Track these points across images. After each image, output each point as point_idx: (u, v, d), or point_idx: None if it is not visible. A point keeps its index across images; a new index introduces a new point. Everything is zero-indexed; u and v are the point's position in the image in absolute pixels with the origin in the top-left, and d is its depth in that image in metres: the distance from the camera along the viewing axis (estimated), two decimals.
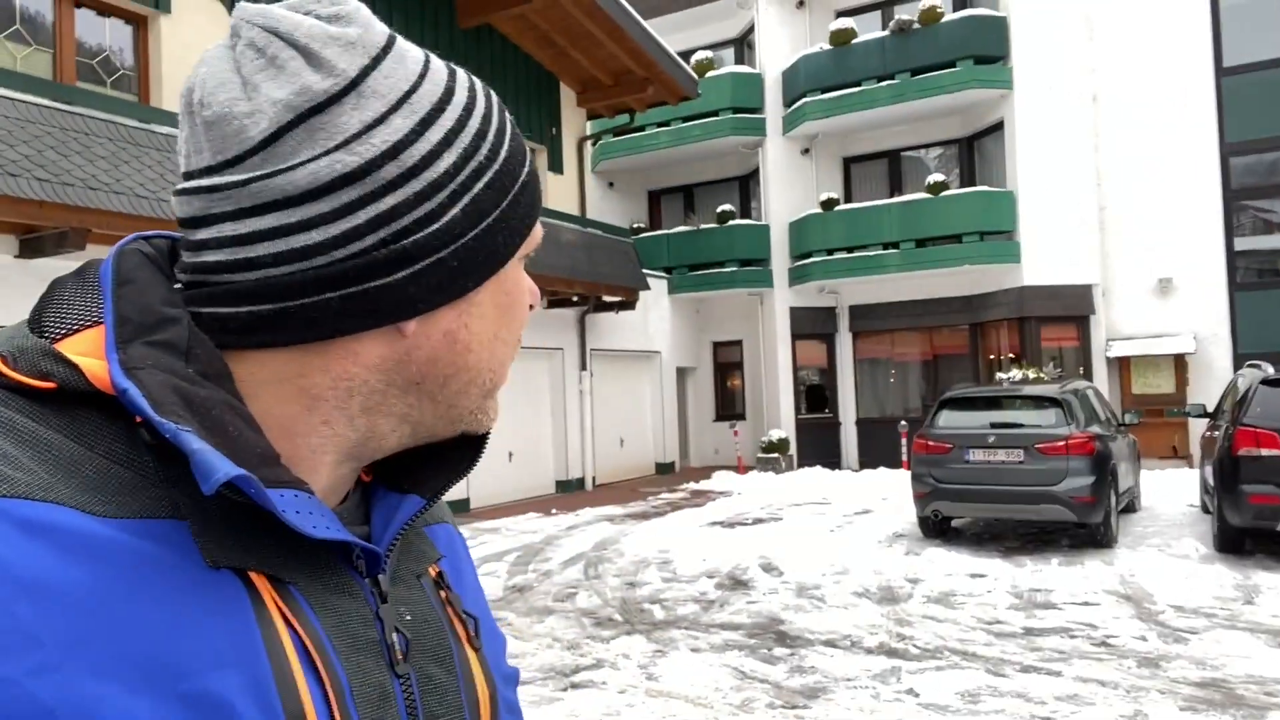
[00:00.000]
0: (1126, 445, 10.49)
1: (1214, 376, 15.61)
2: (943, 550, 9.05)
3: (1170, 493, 12.57)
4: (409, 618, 0.60)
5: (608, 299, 15.76)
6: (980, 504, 9.27)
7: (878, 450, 17.71)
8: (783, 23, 19.10)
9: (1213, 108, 16.06)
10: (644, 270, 17.11)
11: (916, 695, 5.10)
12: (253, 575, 0.51)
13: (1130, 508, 10.91)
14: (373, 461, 0.62)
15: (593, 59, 15.92)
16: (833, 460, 18.10)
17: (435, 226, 0.55)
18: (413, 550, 0.66)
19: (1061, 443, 8.80)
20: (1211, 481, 8.92)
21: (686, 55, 18.71)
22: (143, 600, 0.46)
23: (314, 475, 0.56)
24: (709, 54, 19.44)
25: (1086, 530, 9.17)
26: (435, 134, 0.56)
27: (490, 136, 0.60)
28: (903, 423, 16.70)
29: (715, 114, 18.78)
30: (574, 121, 17.37)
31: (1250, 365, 9.52)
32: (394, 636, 0.57)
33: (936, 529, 9.83)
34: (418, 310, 0.56)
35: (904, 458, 16.06)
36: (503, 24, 14.76)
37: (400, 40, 0.59)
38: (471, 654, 0.65)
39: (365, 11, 0.58)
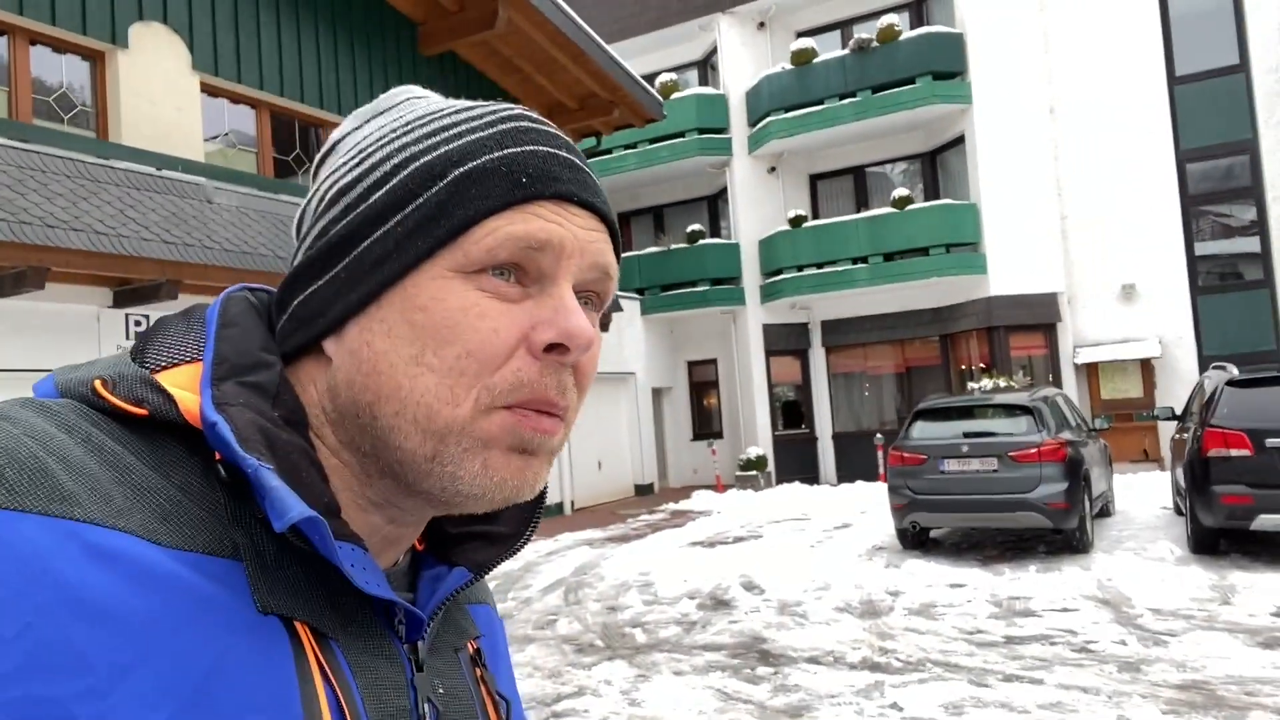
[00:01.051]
0: (1098, 450, 10.60)
1: (1180, 379, 15.85)
2: (922, 561, 9.06)
3: (1143, 496, 12.69)
4: (441, 690, 0.60)
5: None
6: (957, 514, 9.30)
7: (855, 464, 17.77)
8: (744, 44, 19.31)
9: (1167, 116, 16.41)
10: (617, 292, 17.11)
11: (900, 709, 5.08)
12: (298, 625, 0.51)
13: (1104, 512, 11.00)
14: (425, 531, 0.65)
15: (558, 84, 15.98)
16: (810, 476, 18.13)
17: (325, 239, 0.57)
18: (453, 624, 0.66)
19: (1034, 450, 8.86)
20: (1183, 483, 9.02)
21: (651, 78, 18.87)
22: (192, 636, 0.46)
23: (350, 521, 0.58)
24: (673, 76, 19.59)
25: (1062, 536, 9.23)
26: (359, 156, 0.59)
27: (404, 143, 0.58)
28: (878, 436, 16.77)
29: (681, 135, 18.91)
30: None
31: (1216, 367, 9.66)
32: (425, 707, 0.57)
33: (915, 540, 9.85)
34: (321, 327, 0.57)
35: (881, 471, 16.12)
36: (466, 51, 14.79)
37: (439, 99, 0.64)
38: None
39: (412, 89, 0.65)
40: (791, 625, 7.08)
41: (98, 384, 0.52)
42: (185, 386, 0.54)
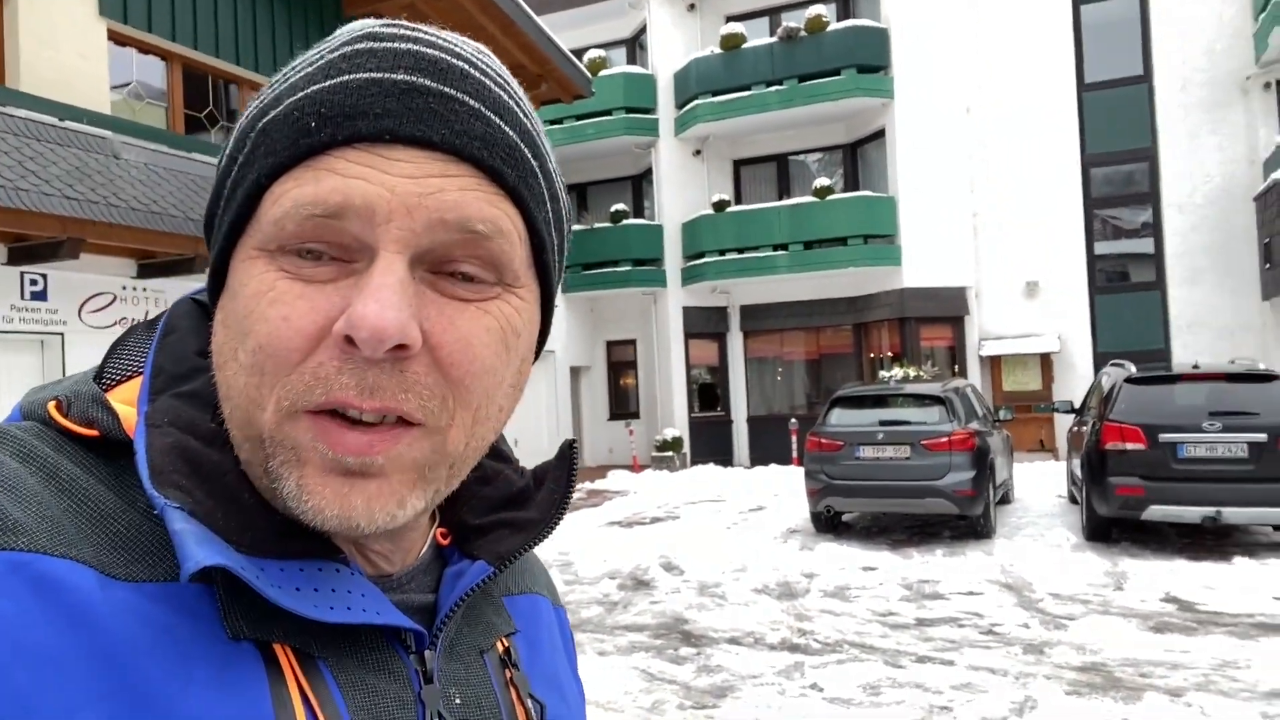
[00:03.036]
0: (1001, 440, 11.06)
1: (1076, 374, 16.67)
2: (835, 545, 9.31)
3: (1040, 485, 13.32)
4: (459, 700, 0.55)
5: None
6: (870, 499, 9.59)
7: (768, 447, 18.11)
8: (674, 24, 19.27)
9: (1075, 121, 17.13)
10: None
11: (820, 690, 5.22)
12: (277, 649, 0.47)
13: (1005, 499, 11.51)
14: (453, 521, 0.60)
15: None
16: (725, 458, 18.40)
17: (210, 198, 0.54)
18: (481, 622, 0.60)
19: (945, 439, 9.19)
20: (1080, 474, 9.50)
21: (579, 53, 18.63)
22: (151, 671, 0.43)
23: None
24: (601, 53, 19.42)
25: (967, 522, 9.62)
26: (249, 108, 0.52)
27: (257, 96, 0.51)
28: (793, 420, 17.12)
29: (608, 113, 18.79)
30: None
31: (1114, 364, 10.18)
32: None
33: (828, 524, 10.12)
34: (211, 293, 0.53)
35: (794, 454, 16.48)
36: (391, 14, 14.31)
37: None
38: None
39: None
40: (711, 606, 7.19)
41: (52, 406, 0.49)
42: (130, 401, 0.51)
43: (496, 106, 0.50)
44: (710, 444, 18.43)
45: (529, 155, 0.51)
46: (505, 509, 0.62)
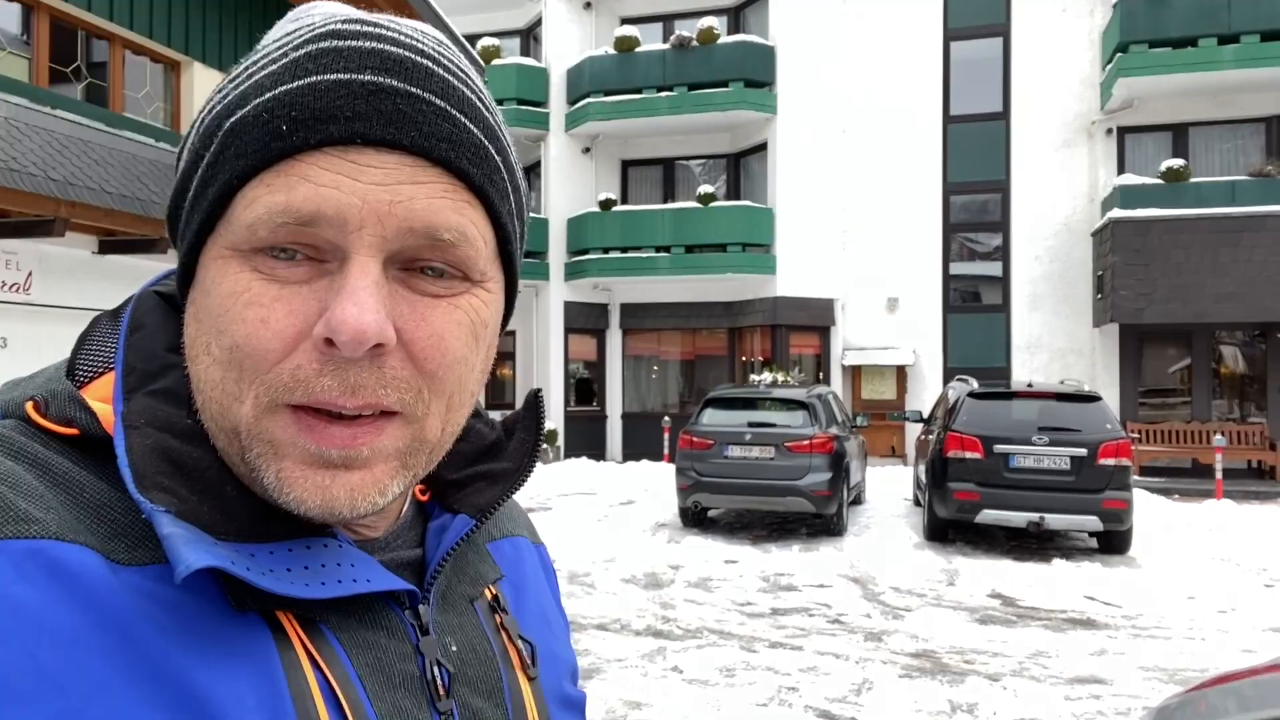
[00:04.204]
0: (857, 445, 11.79)
1: (927, 386, 17.84)
2: (701, 539, 9.74)
3: (889, 488, 14.22)
4: (454, 648, 0.57)
5: None
6: (736, 496, 10.06)
7: (641, 443, 18.52)
8: (570, 20, 19.40)
9: (939, 150, 18.31)
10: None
11: (681, 672, 5.55)
12: (281, 616, 0.49)
13: (858, 500, 12.26)
14: (428, 478, 0.60)
15: None
16: (598, 452, 18.71)
17: (173, 192, 0.54)
18: (468, 572, 0.63)
19: (806, 441, 9.76)
20: (924, 479, 10.28)
21: (472, 39, 18.50)
22: (167, 645, 0.45)
23: None
24: (495, 41, 19.34)
25: (822, 520, 10.24)
26: (212, 102, 0.52)
27: (218, 86, 0.52)
28: (666, 418, 17.59)
29: (499, 104, 18.64)
30: None
31: (959, 379, 11.05)
32: (435, 670, 0.54)
33: (695, 519, 10.55)
34: (180, 286, 0.54)
35: (665, 451, 16.93)
36: None
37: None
38: (525, 683, 0.61)
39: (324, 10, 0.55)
40: (581, 594, 7.44)
41: (29, 407, 0.50)
42: (106, 398, 0.51)
43: (461, 104, 0.51)
44: (584, 438, 18.70)
45: (493, 151, 0.53)
46: (480, 462, 0.64)
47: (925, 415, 12.61)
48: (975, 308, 18.32)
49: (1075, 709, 4.98)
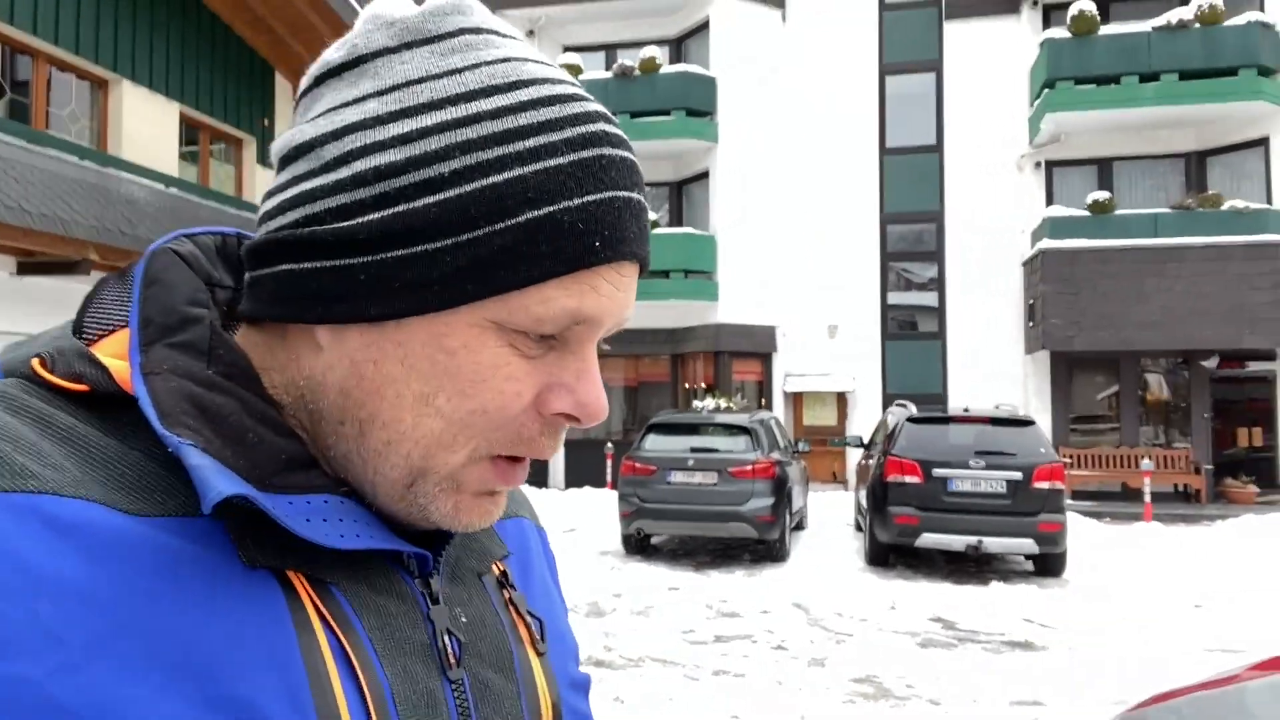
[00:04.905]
0: (799, 470, 11.85)
1: (866, 412, 18.07)
2: (644, 565, 9.64)
3: (831, 513, 14.32)
4: (464, 620, 0.57)
5: None
6: (679, 522, 10.00)
7: (583, 471, 18.37)
8: None
9: (876, 181, 18.72)
10: None
11: (622, 701, 5.44)
12: (292, 575, 0.49)
13: (800, 526, 12.30)
14: None
15: (313, 51, 14.97)
16: (540, 479, 18.51)
17: (348, 223, 0.49)
18: (476, 547, 0.63)
19: (749, 467, 9.76)
20: (865, 504, 10.35)
21: None
22: (173, 600, 0.44)
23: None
24: None
25: (765, 546, 10.23)
26: (406, 125, 0.49)
27: (468, 139, 0.49)
28: (609, 445, 17.50)
29: None
30: (289, 115, 16.38)
31: (898, 405, 11.19)
32: (446, 639, 0.54)
33: (638, 546, 10.46)
34: (317, 314, 0.50)
35: (609, 478, 16.83)
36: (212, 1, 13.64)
37: (498, 39, 0.54)
38: (534, 658, 0.61)
39: (466, 5, 0.54)
40: None
41: (35, 363, 0.50)
42: (119, 354, 0.51)
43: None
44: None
45: None
46: None
47: (866, 441, 12.75)
48: (912, 335, 18.68)
49: None
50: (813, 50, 18.81)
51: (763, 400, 17.98)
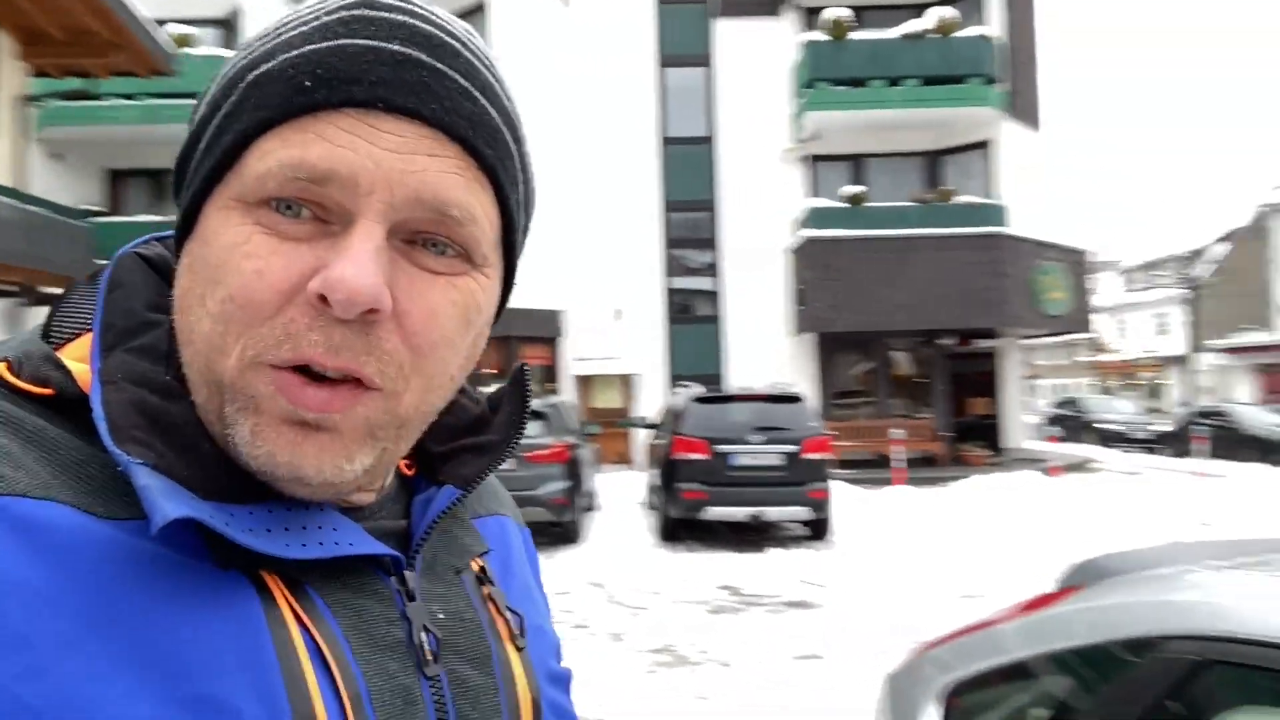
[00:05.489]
0: (590, 452, 12.08)
1: (653, 394, 18.70)
2: None
3: (622, 493, 14.71)
4: (441, 616, 0.56)
5: (49, 290, 13.35)
6: None
7: None
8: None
9: (658, 169, 19.30)
10: (100, 261, 14.84)
11: None
12: (265, 576, 0.48)
13: (591, 507, 12.55)
14: (413, 451, 0.59)
15: (44, 8, 13.42)
16: None
17: (185, 142, 0.53)
18: (455, 544, 0.62)
19: (545, 451, 9.83)
20: (656, 483, 10.75)
21: (164, 23, 16.75)
22: (144, 601, 0.44)
23: None
24: (191, 30, 17.67)
25: (560, 528, 10.35)
26: (228, 64, 0.52)
27: (243, 43, 0.52)
28: None
29: (194, 96, 17.09)
30: (14, 76, 14.40)
31: (682, 385, 11.69)
32: (423, 636, 0.53)
33: None
34: (178, 238, 0.53)
35: None
36: None
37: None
38: (513, 654, 0.60)
39: None
40: None
41: (2, 368, 0.49)
42: (83, 358, 0.51)
43: (484, 88, 0.51)
44: None
45: (509, 138, 0.53)
46: (466, 435, 0.64)
47: (653, 421, 13.19)
48: (693, 318, 19.50)
49: (800, 682, 5.43)
50: (594, 38, 19.04)
51: (551, 384, 18.11)
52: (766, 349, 18.96)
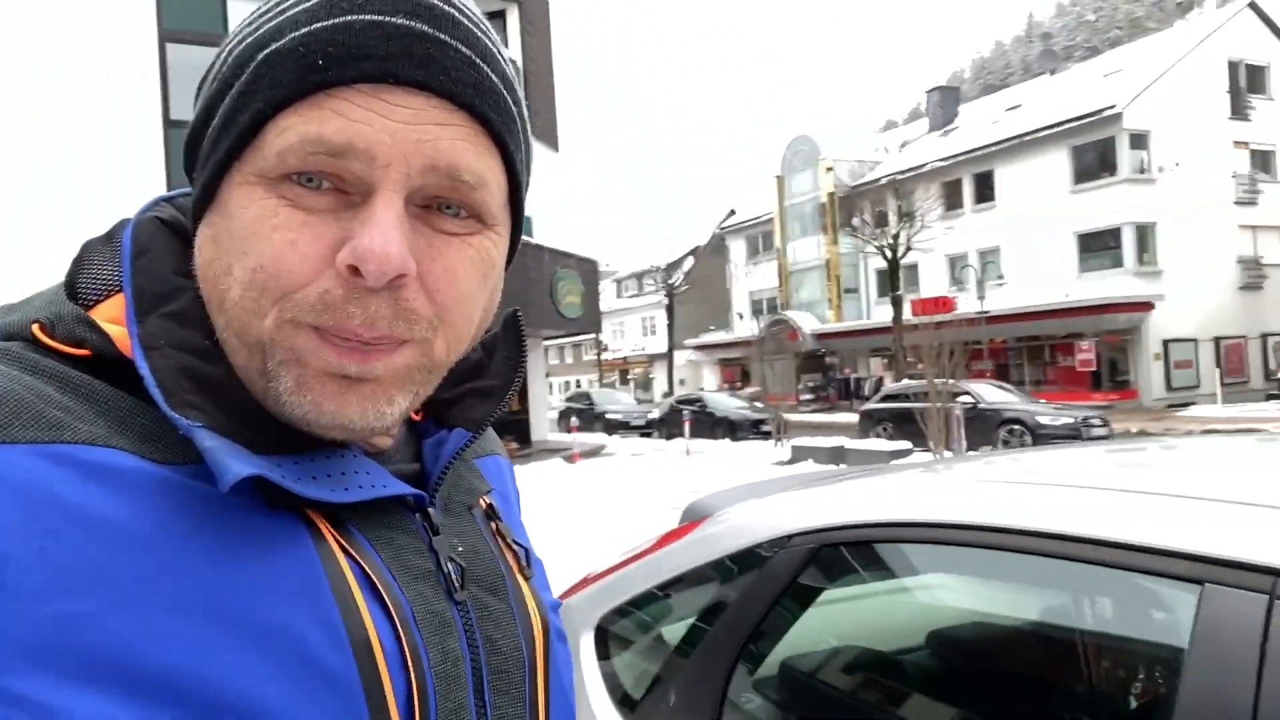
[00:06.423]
0: None
1: None
2: None
3: None
4: (461, 549, 0.60)
5: None
6: None
7: None
8: None
9: (161, 156, 17.23)
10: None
11: None
12: (312, 514, 0.52)
13: None
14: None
15: None
16: None
17: (195, 112, 0.54)
18: (463, 483, 0.66)
19: None
20: None
21: None
22: (208, 539, 0.47)
23: None
24: None
25: None
26: (232, 42, 0.54)
27: (245, 20, 0.54)
28: None
29: None
30: None
31: None
32: (449, 566, 0.57)
33: None
34: (196, 209, 0.54)
35: None
36: None
37: None
38: (523, 583, 0.65)
39: None
40: None
41: (36, 329, 0.50)
42: (117, 319, 0.52)
43: (484, 54, 0.53)
44: None
45: (510, 102, 0.55)
46: (467, 380, 0.66)
47: None
48: None
49: None
50: (82, 14, 16.33)
51: None
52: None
